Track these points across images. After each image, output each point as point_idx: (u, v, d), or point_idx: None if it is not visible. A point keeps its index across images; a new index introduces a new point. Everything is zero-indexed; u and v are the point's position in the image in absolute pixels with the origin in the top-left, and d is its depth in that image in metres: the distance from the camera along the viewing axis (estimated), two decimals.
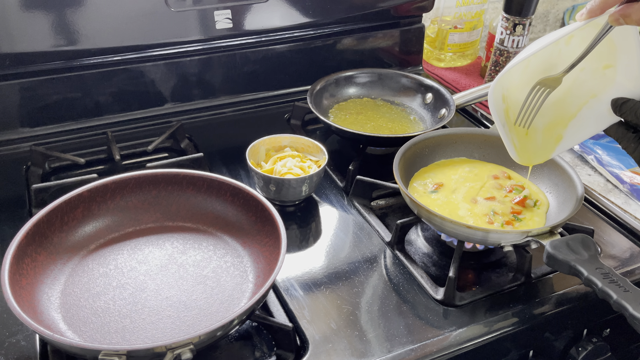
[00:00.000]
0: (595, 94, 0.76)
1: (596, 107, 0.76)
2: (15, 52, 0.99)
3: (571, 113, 0.79)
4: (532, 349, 0.79)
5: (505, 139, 0.81)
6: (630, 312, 0.63)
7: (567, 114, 0.79)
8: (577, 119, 0.79)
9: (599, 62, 0.74)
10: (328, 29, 1.23)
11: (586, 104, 0.77)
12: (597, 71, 0.74)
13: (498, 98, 0.79)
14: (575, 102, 0.78)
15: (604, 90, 0.74)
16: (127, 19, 1.03)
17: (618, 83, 0.73)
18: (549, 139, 0.82)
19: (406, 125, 1.12)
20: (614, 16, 0.65)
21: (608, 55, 0.73)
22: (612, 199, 0.99)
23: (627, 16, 0.65)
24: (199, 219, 0.85)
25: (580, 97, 0.77)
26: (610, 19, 0.66)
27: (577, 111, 0.78)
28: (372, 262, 0.83)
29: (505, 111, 0.80)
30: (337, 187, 0.99)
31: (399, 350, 0.70)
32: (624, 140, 0.73)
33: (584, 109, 0.77)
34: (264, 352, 0.71)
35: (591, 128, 0.78)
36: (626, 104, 0.71)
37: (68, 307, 0.72)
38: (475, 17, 1.41)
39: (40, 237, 0.75)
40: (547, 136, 0.81)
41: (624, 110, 0.71)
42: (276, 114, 1.18)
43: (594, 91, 0.76)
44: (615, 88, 0.73)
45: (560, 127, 0.80)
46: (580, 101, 0.77)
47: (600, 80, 0.75)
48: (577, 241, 0.73)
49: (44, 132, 1.06)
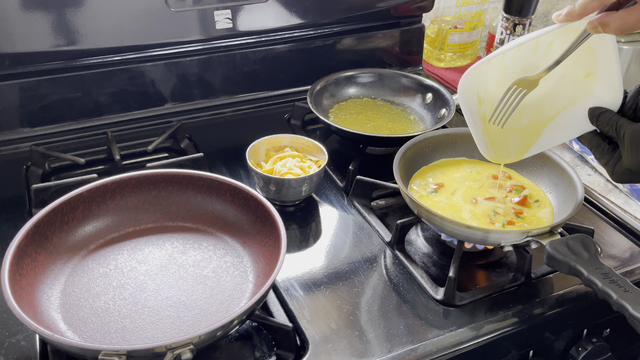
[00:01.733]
0: (574, 101, 0.75)
1: (574, 113, 0.76)
2: (15, 52, 0.99)
3: (549, 116, 0.79)
4: (532, 349, 0.79)
5: (475, 134, 0.81)
6: (630, 312, 0.63)
7: (545, 117, 0.79)
8: (555, 122, 0.79)
9: (580, 70, 0.73)
10: (328, 29, 1.23)
11: (565, 109, 0.77)
12: (577, 78, 0.74)
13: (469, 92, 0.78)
14: (554, 106, 0.78)
15: (584, 98, 0.74)
16: (127, 19, 1.03)
17: (597, 92, 0.73)
18: (524, 139, 0.81)
19: (406, 125, 1.12)
20: (592, 24, 0.65)
21: (589, 62, 0.72)
22: (612, 199, 0.99)
23: (605, 25, 0.64)
24: (199, 219, 0.85)
25: (559, 102, 0.77)
26: (589, 26, 0.65)
27: (555, 115, 0.78)
28: (372, 262, 0.83)
29: (479, 106, 0.80)
30: (337, 187, 0.99)
31: (399, 350, 0.70)
32: (598, 150, 0.73)
33: (562, 113, 0.77)
34: (264, 352, 0.71)
35: (567, 133, 0.78)
36: (603, 114, 0.71)
37: (68, 307, 0.72)
38: (475, 17, 1.41)
39: (40, 237, 0.75)
40: (523, 137, 0.81)
41: (601, 121, 0.71)
42: (276, 114, 1.18)
43: (573, 98, 0.75)
44: (594, 96, 0.73)
45: (537, 129, 0.80)
46: (559, 106, 0.77)
47: (580, 88, 0.74)
48: (577, 241, 0.73)
49: (44, 132, 1.06)
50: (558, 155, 0.90)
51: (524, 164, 0.93)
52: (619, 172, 0.71)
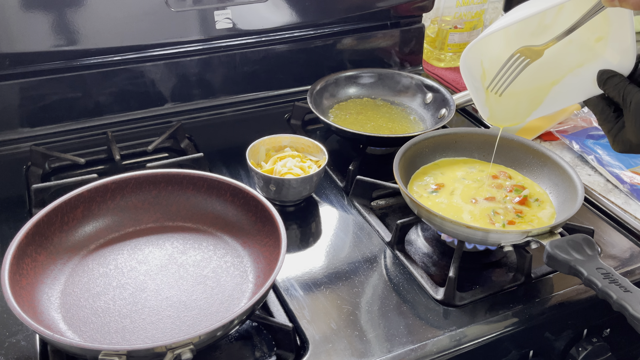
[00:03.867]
0: (582, 64, 0.73)
1: (582, 76, 0.74)
2: (15, 52, 0.99)
3: (555, 79, 0.77)
4: (532, 349, 0.79)
5: (476, 97, 0.79)
6: (631, 312, 0.63)
7: (550, 80, 0.77)
8: (560, 85, 0.77)
9: (591, 34, 0.71)
10: (328, 29, 1.23)
11: (572, 71, 0.75)
12: (588, 42, 0.72)
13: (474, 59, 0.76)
14: (561, 68, 0.76)
15: (593, 61, 0.72)
16: (127, 19, 1.03)
17: (607, 56, 0.71)
18: (528, 102, 0.80)
19: (406, 125, 1.12)
20: None
21: (602, 26, 0.70)
22: (612, 199, 0.99)
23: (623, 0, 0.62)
24: (199, 219, 0.85)
25: (566, 65, 0.75)
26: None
27: (562, 78, 0.76)
28: (372, 262, 0.83)
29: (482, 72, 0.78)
30: (337, 187, 0.99)
31: (399, 350, 0.70)
32: (602, 116, 0.71)
33: (569, 76, 0.75)
34: (264, 352, 0.71)
35: (573, 96, 0.76)
36: (611, 79, 0.70)
37: (68, 307, 0.72)
38: (475, 17, 1.41)
39: (40, 237, 0.75)
40: (527, 99, 0.79)
41: (608, 85, 0.70)
42: (276, 114, 1.18)
43: (581, 61, 0.73)
44: (603, 60, 0.71)
45: (542, 92, 0.78)
46: (566, 69, 0.75)
47: (590, 51, 0.72)
48: (577, 241, 0.73)
49: (44, 132, 1.06)
50: (558, 155, 0.90)
51: (524, 163, 0.93)
52: (619, 141, 0.70)
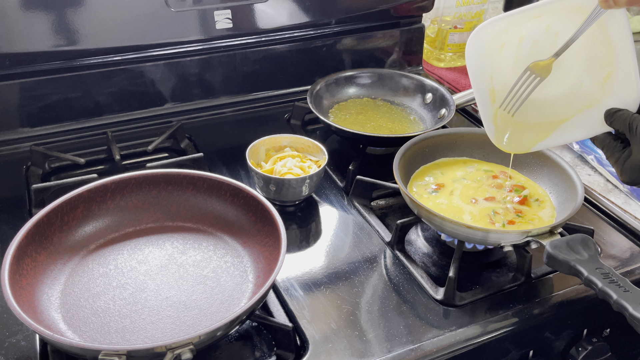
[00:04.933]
0: (592, 105, 0.76)
1: (591, 116, 0.76)
2: (15, 52, 0.99)
3: (564, 117, 0.79)
4: (532, 349, 0.79)
5: (485, 116, 0.81)
6: (630, 312, 0.63)
7: (560, 118, 0.79)
8: (569, 122, 0.79)
9: (600, 72, 0.74)
10: (328, 29, 1.23)
11: (581, 112, 0.77)
12: (597, 82, 0.74)
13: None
14: (571, 109, 0.78)
15: (602, 100, 0.75)
16: (127, 19, 1.03)
17: (616, 92, 0.73)
18: (535, 134, 0.81)
19: (406, 125, 1.12)
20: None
21: (608, 59, 0.73)
22: (612, 199, 0.99)
23: None
24: (199, 219, 0.85)
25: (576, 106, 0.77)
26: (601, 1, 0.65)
27: (571, 117, 0.78)
28: (372, 262, 0.83)
29: (491, 91, 0.80)
30: (337, 187, 0.99)
31: (399, 350, 0.70)
32: (610, 148, 0.73)
33: (578, 115, 0.78)
34: (264, 352, 0.71)
35: (580, 133, 0.79)
36: (618, 113, 0.72)
37: (68, 307, 0.72)
38: (475, 17, 1.41)
39: (40, 237, 0.75)
40: (535, 132, 0.81)
41: (615, 119, 0.72)
42: (276, 114, 1.18)
43: (591, 102, 0.76)
44: (612, 98, 0.74)
45: (550, 127, 0.80)
46: (576, 109, 0.77)
47: (600, 91, 0.75)
48: (577, 241, 0.73)
49: (44, 132, 1.06)
50: (558, 155, 0.90)
51: (524, 163, 0.93)
52: (628, 169, 0.71)
